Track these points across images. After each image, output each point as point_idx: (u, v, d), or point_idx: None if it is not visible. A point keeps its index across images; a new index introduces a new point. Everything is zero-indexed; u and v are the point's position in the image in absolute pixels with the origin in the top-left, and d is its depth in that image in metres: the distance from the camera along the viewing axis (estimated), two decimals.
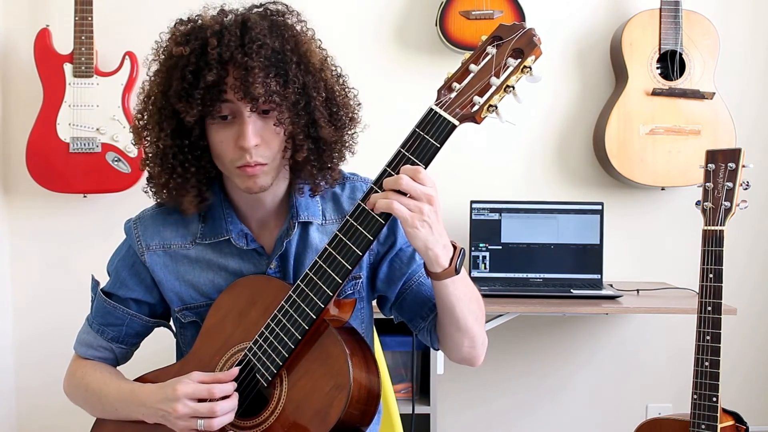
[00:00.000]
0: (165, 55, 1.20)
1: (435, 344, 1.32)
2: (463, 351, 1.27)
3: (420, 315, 1.33)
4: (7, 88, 2.74)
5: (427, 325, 1.32)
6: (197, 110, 1.16)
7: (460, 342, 1.26)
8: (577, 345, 2.86)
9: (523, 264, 2.56)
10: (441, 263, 1.14)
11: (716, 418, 1.87)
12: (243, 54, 1.14)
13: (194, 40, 1.17)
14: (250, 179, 1.21)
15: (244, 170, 1.20)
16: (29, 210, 2.76)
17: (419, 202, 1.09)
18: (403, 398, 2.45)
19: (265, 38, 1.16)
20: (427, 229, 1.10)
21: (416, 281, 1.33)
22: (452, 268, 1.15)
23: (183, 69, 1.16)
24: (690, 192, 2.48)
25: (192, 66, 1.15)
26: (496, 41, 1.11)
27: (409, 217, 1.09)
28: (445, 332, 1.26)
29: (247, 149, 1.18)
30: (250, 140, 1.17)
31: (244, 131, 1.17)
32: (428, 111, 1.12)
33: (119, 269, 1.37)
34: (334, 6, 2.75)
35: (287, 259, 1.31)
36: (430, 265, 1.15)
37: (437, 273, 1.15)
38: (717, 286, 1.88)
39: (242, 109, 1.17)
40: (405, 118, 1.42)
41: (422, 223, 1.09)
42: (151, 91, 1.23)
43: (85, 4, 2.56)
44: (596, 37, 2.78)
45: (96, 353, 1.38)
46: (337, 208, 1.34)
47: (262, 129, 1.19)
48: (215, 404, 1.16)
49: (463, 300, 1.20)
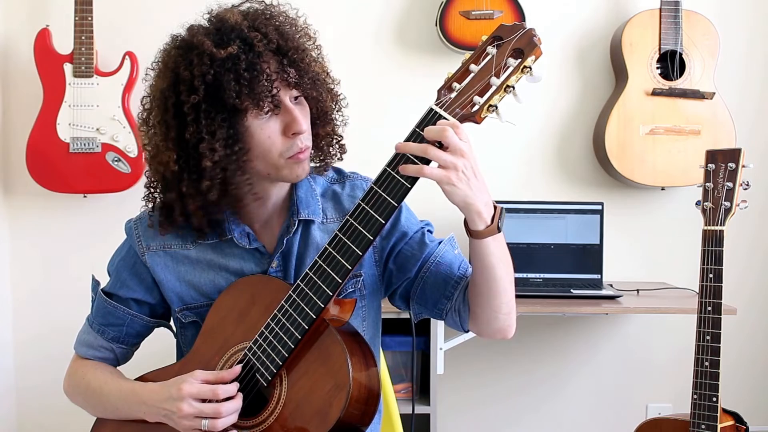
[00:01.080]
0: (205, 61, 1.15)
1: (465, 323, 1.29)
2: (499, 319, 1.24)
3: (444, 295, 1.29)
4: (7, 88, 2.74)
5: (453, 304, 1.29)
6: (268, 102, 1.16)
7: (498, 308, 1.22)
8: (577, 345, 2.86)
9: (523, 264, 2.56)
10: (484, 219, 1.13)
11: (716, 418, 1.87)
12: (286, 41, 1.19)
13: (234, 39, 1.16)
14: (300, 166, 1.22)
15: (296, 158, 1.21)
16: (29, 210, 2.76)
17: (454, 156, 1.08)
18: (403, 398, 2.45)
19: (289, 26, 1.22)
20: (465, 184, 1.09)
21: (433, 262, 1.31)
22: (495, 225, 1.14)
23: (236, 68, 1.14)
24: (690, 192, 2.48)
25: (244, 63, 1.14)
26: (497, 41, 1.11)
27: (444, 175, 1.08)
28: (482, 300, 1.23)
29: (304, 132, 1.20)
30: (303, 124, 1.20)
31: (296, 117, 1.19)
32: (428, 111, 1.12)
33: (120, 269, 1.37)
34: (334, 6, 2.75)
35: (289, 258, 1.30)
36: (471, 222, 1.14)
37: (480, 231, 1.14)
38: (717, 286, 1.88)
39: (284, 98, 1.19)
40: (405, 118, 1.42)
41: (458, 179, 1.08)
42: (192, 102, 1.16)
43: (85, 4, 2.56)
44: (596, 37, 2.78)
45: (96, 353, 1.38)
46: (338, 206, 1.35)
47: (302, 113, 1.22)
48: (220, 405, 1.16)
49: (503, 261, 1.19)
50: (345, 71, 1.33)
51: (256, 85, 1.15)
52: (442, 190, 1.10)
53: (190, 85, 1.15)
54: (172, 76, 1.18)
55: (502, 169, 2.79)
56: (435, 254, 1.31)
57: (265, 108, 1.17)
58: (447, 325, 1.33)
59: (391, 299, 1.39)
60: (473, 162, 1.10)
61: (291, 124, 1.19)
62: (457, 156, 1.08)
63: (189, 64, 1.16)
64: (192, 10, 1.29)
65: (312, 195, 1.33)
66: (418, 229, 1.34)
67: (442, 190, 1.10)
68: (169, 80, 1.18)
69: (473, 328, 1.29)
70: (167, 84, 1.19)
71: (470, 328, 1.29)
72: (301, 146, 1.21)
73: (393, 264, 1.34)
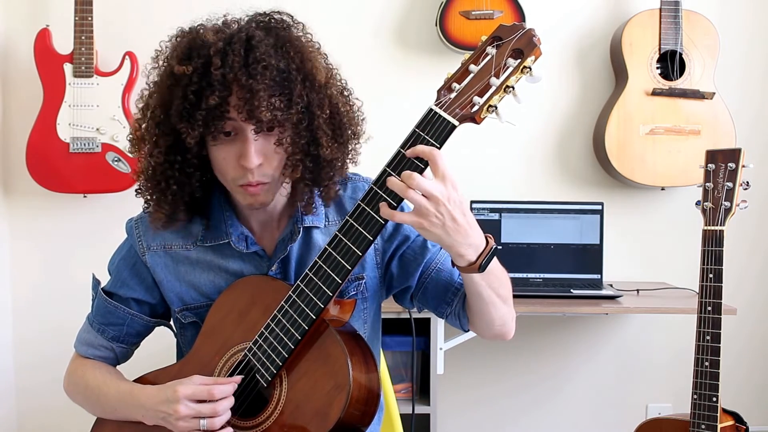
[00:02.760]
0: (166, 71, 1.17)
1: (465, 326, 1.31)
2: (494, 329, 1.26)
3: (444, 301, 1.31)
4: (7, 88, 2.74)
5: (453, 309, 1.31)
6: (198, 132, 1.13)
7: (491, 322, 1.24)
8: (577, 345, 2.86)
9: (523, 264, 2.56)
10: (467, 259, 1.12)
11: (716, 418, 1.87)
12: (248, 76, 1.11)
13: (197, 58, 1.13)
14: (252, 197, 1.21)
15: (246, 189, 1.19)
16: (29, 210, 2.76)
17: (428, 201, 1.06)
18: (403, 398, 2.45)
19: (270, 58, 1.12)
20: (439, 228, 1.07)
21: (434, 269, 1.31)
22: (476, 265, 1.12)
23: (185, 88, 1.13)
24: (690, 192, 2.48)
25: (194, 86, 1.12)
26: (496, 41, 1.11)
27: (414, 221, 1.07)
28: (475, 315, 1.25)
29: (250, 169, 1.16)
30: (252, 161, 1.15)
31: (246, 151, 1.15)
32: (428, 111, 1.12)
33: (120, 269, 1.37)
34: (334, 6, 2.75)
35: (289, 262, 1.30)
36: (453, 258, 1.13)
37: (461, 267, 1.14)
38: (717, 286, 1.88)
39: (245, 128, 1.15)
40: (405, 118, 1.42)
41: (431, 225, 1.07)
42: (149, 104, 1.21)
43: (85, 4, 2.56)
44: (596, 37, 2.78)
45: (96, 352, 1.38)
46: (340, 209, 1.34)
47: (264, 147, 1.17)
48: (217, 404, 1.16)
49: (491, 287, 1.19)
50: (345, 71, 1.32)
51: (194, 111, 1.13)
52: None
53: (155, 87, 1.20)
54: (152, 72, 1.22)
55: (502, 169, 2.79)
56: (436, 261, 1.32)
57: (195, 135, 1.14)
58: (448, 323, 1.36)
59: (396, 298, 1.41)
60: (454, 205, 1.06)
61: (242, 155, 1.16)
62: (431, 201, 1.06)
63: (156, 67, 1.20)
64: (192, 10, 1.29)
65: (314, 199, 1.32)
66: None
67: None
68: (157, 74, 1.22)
69: (473, 330, 1.31)
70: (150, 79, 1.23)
71: (470, 329, 1.31)
72: (251, 180, 1.17)
73: (394, 267, 1.34)
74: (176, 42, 1.18)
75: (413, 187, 1.05)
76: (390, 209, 1.09)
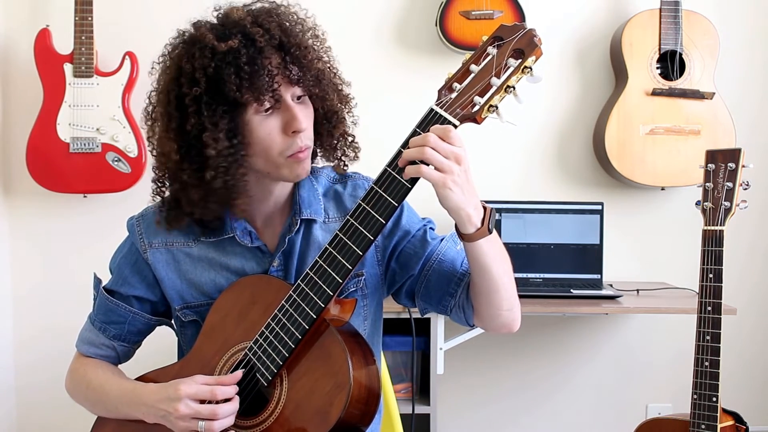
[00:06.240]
0: (207, 54, 1.16)
1: (470, 319, 1.29)
2: (502, 315, 1.25)
3: (447, 292, 1.30)
4: (7, 88, 2.74)
5: (457, 300, 1.30)
6: (268, 97, 1.17)
7: (498, 305, 1.23)
8: (577, 345, 2.86)
9: (523, 264, 2.56)
10: (474, 223, 1.13)
11: (716, 418, 1.87)
12: (289, 37, 1.19)
13: (236, 34, 1.17)
14: (300, 165, 1.23)
15: (296, 157, 1.21)
16: (29, 210, 2.76)
17: (449, 161, 1.08)
18: (403, 398, 2.45)
19: (295, 24, 1.22)
20: (458, 189, 1.09)
21: (435, 260, 1.31)
22: (485, 227, 1.14)
23: (236, 61, 1.15)
24: (690, 192, 2.48)
25: (245, 57, 1.15)
26: (497, 41, 1.12)
27: (440, 178, 1.08)
28: (483, 298, 1.23)
29: (303, 130, 1.20)
30: (302, 122, 1.20)
31: (295, 115, 1.19)
32: (429, 111, 1.12)
33: (121, 266, 1.37)
34: (334, 6, 2.75)
35: (291, 257, 1.31)
36: (462, 226, 1.14)
37: (470, 234, 1.14)
38: (717, 286, 1.88)
39: (285, 95, 1.19)
40: (405, 118, 1.42)
41: (454, 184, 1.08)
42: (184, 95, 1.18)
43: (85, 4, 2.56)
44: (596, 37, 2.78)
45: (98, 351, 1.38)
46: (339, 206, 1.35)
47: (303, 111, 1.22)
48: (217, 406, 1.16)
49: (498, 259, 1.19)
50: (345, 71, 1.33)
51: (256, 79, 1.15)
52: (437, 194, 1.10)
53: (192, 78, 1.17)
54: (175, 69, 1.20)
55: (502, 169, 2.79)
56: (437, 252, 1.31)
57: (265, 103, 1.17)
58: (452, 320, 1.34)
59: (395, 297, 1.40)
60: (467, 167, 1.10)
61: (291, 121, 1.19)
62: (452, 161, 1.08)
63: (191, 57, 1.18)
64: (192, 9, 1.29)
65: (314, 194, 1.34)
66: (420, 227, 1.34)
67: (437, 194, 1.10)
68: (173, 73, 1.21)
69: (478, 323, 1.29)
70: (170, 77, 1.21)
71: (475, 323, 1.30)
72: (301, 145, 1.21)
73: (395, 263, 1.34)
74: (204, 29, 1.19)
75: (432, 146, 1.08)
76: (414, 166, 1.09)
